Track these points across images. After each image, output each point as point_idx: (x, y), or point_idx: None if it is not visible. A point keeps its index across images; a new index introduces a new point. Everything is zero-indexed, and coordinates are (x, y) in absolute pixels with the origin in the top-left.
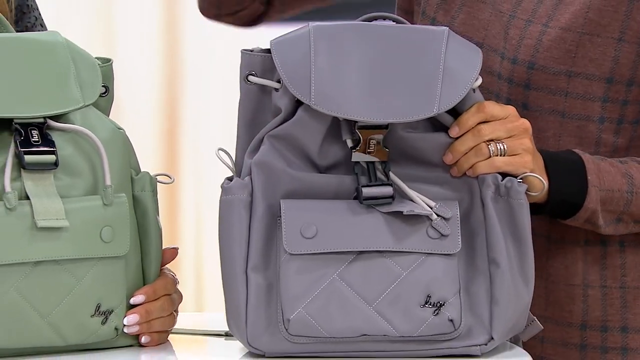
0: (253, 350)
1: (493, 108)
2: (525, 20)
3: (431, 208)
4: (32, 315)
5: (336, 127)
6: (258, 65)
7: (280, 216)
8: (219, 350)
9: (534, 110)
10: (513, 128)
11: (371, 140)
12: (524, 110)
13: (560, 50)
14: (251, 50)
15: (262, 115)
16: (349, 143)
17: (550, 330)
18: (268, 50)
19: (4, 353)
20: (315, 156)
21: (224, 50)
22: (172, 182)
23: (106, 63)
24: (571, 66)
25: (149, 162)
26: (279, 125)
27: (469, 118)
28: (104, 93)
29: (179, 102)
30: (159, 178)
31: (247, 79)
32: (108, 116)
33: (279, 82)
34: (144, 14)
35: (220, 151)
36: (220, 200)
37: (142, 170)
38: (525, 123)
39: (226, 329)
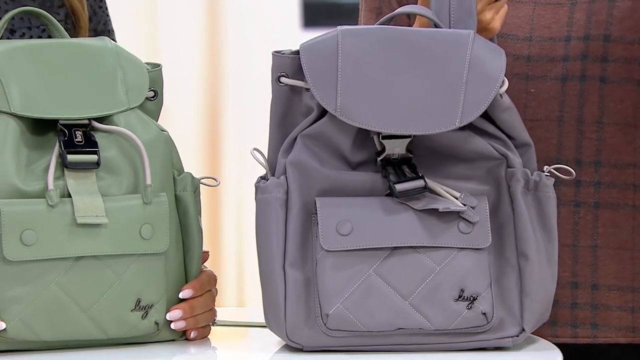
0: (291, 344)
1: None
2: (587, 2)
3: (456, 198)
4: (73, 308)
5: None
6: (288, 67)
7: (316, 213)
8: (257, 344)
9: (612, 82)
10: None
11: (396, 148)
12: (602, 83)
13: (632, 20)
14: (282, 52)
15: (292, 115)
16: (378, 146)
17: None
18: (298, 52)
19: (47, 345)
20: (348, 152)
21: (265, 52)
22: (218, 184)
23: (155, 68)
24: None
25: (191, 163)
26: (311, 125)
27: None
28: (153, 97)
29: (222, 104)
30: (204, 181)
31: (278, 80)
32: (157, 119)
33: None
34: (186, 18)
35: (254, 151)
36: (256, 199)
37: (185, 170)
38: None
39: None
